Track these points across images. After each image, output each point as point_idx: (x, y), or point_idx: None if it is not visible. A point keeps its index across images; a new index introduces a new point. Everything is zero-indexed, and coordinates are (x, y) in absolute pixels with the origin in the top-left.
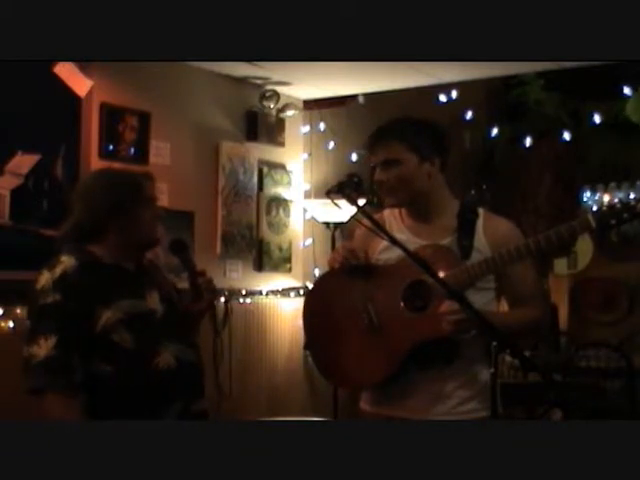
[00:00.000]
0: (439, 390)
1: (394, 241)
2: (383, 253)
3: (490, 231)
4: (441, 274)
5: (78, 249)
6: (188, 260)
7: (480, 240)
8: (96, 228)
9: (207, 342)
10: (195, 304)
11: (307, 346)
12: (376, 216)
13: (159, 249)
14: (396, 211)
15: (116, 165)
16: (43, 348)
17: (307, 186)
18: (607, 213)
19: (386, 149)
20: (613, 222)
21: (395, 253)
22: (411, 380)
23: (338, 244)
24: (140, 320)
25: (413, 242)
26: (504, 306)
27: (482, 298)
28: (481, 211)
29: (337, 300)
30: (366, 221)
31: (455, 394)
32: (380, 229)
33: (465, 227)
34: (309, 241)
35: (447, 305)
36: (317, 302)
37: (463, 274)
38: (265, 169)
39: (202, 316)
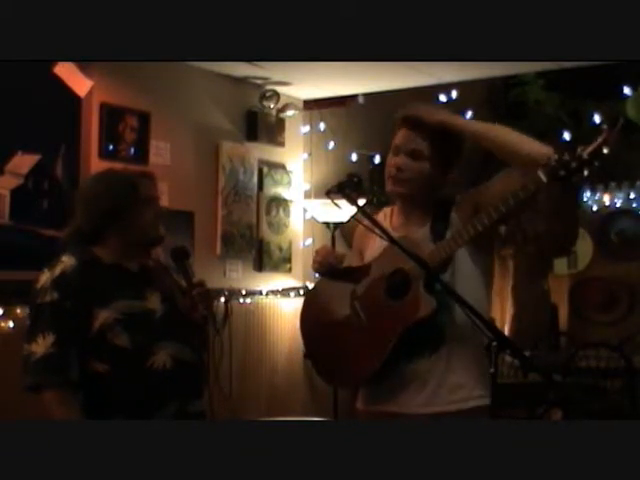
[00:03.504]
0: (431, 382)
1: (393, 240)
2: (371, 256)
3: (462, 209)
4: (409, 263)
5: (80, 250)
6: (186, 270)
7: (454, 222)
8: (97, 231)
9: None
10: (191, 313)
11: (307, 355)
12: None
13: (160, 250)
14: (388, 212)
15: (117, 166)
16: (41, 346)
17: (307, 186)
18: (556, 166)
19: (421, 140)
20: (562, 173)
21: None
22: (400, 374)
23: (319, 246)
24: (138, 320)
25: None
26: (494, 299)
27: (469, 284)
28: (458, 197)
29: (329, 306)
30: (365, 221)
31: (445, 383)
32: (379, 227)
33: (439, 214)
34: (309, 241)
35: None
36: (311, 311)
37: (436, 254)
38: (265, 169)
39: (200, 325)
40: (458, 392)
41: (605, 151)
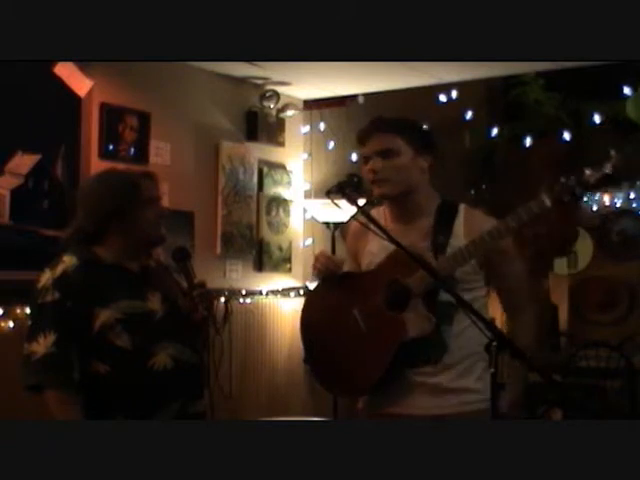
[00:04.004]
0: (433, 384)
1: (393, 240)
2: (367, 257)
3: (470, 226)
4: (411, 278)
5: (81, 249)
6: (188, 270)
7: (457, 236)
8: (98, 231)
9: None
10: (192, 314)
11: (306, 360)
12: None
13: (161, 250)
14: (381, 213)
15: (120, 166)
16: (42, 345)
17: (307, 186)
18: (560, 190)
19: (384, 139)
20: (567, 198)
21: (378, 257)
22: (404, 378)
23: (316, 251)
24: (138, 320)
25: (392, 245)
26: (495, 299)
27: (469, 296)
28: (462, 207)
29: (328, 312)
30: (365, 220)
31: (449, 387)
32: (379, 228)
33: (442, 224)
34: (309, 241)
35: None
36: (310, 316)
37: (440, 266)
38: (265, 169)
39: (201, 326)
40: (461, 396)
41: (613, 176)
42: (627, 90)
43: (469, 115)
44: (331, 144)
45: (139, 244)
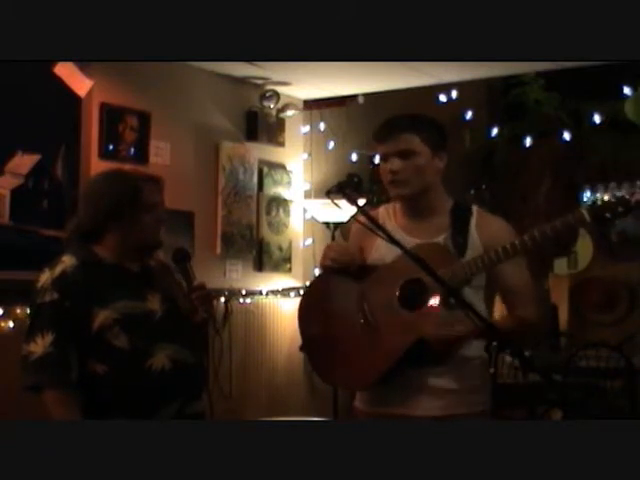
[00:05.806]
0: (433, 385)
1: (393, 240)
2: (377, 252)
3: (483, 229)
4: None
5: (81, 249)
6: (187, 272)
7: (473, 238)
8: (96, 230)
9: (207, 344)
10: (192, 316)
11: (303, 348)
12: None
13: (160, 251)
14: (390, 209)
15: (124, 166)
16: (40, 345)
17: (307, 186)
18: (602, 207)
19: (402, 139)
20: (608, 216)
21: (389, 252)
22: (405, 377)
23: (329, 243)
24: (137, 321)
25: (406, 241)
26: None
27: (475, 296)
28: (475, 209)
29: (332, 301)
30: (365, 220)
31: (450, 388)
32: (379, 228)
33: (458, 225)
34: (309, 241)
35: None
36: (312, 303)
37: (460, 271)
38: (265, 169)
39: (201, 327)
40: (463, 398)
41: None
42: (627, 90)
43: (469, 115)
44: (331, 144)
45: (136, 247)
